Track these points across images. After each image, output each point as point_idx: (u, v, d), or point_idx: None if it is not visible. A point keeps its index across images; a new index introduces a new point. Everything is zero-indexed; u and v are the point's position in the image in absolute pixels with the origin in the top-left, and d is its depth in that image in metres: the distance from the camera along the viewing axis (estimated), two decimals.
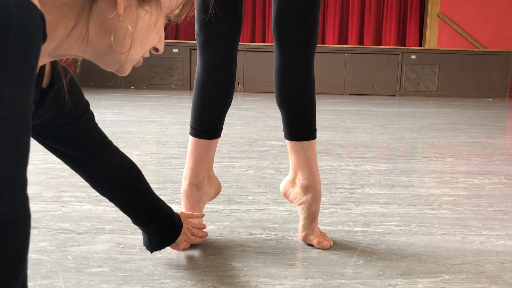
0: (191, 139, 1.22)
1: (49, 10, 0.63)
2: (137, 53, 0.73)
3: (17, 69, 0.52)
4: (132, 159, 1.06)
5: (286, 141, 1.24)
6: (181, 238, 1.11)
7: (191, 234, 1.15)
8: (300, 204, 1.24)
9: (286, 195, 1.28)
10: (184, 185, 1.24)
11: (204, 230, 1.20)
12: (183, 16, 0.76)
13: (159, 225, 1.06)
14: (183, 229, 1.11)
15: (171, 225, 1.08)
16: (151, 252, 1.08)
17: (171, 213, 1.08)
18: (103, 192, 1.01)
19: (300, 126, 1.20)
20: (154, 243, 1.06)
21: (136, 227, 1.30)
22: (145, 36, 0.72)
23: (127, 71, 0.74)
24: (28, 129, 0.55)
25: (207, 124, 1.20)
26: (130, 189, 1.01)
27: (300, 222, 1.23)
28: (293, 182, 1.25)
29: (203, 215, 1.23)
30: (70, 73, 0.84)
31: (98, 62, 0.73)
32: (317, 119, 1.25)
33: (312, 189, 1.22)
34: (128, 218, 1.10)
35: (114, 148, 1.00)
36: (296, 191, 1.24)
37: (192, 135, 1.22)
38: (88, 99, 0.96)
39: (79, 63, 0.79)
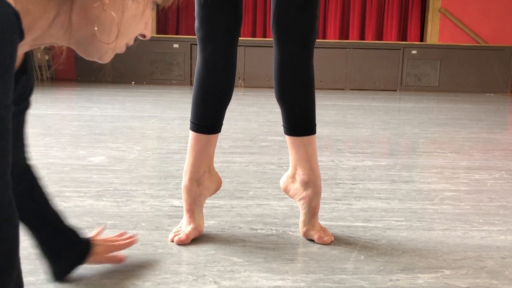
0: (192, 134, 1.22)
1: (31, 0, 0.61)
2: (123, 42, 0.71)
3: None
4: (133, 154, 1.05)
5: (286, 136, 1.24)
6: (100, 249, 0.99)
7: (112, 244, 1.04)
8: (300, 200, 1.24)
9: (286, 191, 1.28)
10: (184, 180, 1.24)
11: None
12: (171, 1, 0.74)
13: (64, 235, 0.94)
14: (97, 241, 1.00)
15: (78, 237, 0.96)
16: (62, 279, 0.95)
17: (73, 227, 0.96)
18: None
19: (299, 121, 1.20)
20: (62, 264, 0.94)
21: (137, 222, 1.30)
22: (132, 26, 0.70)
23: (108, 59, 0.72)
24: (8, 130, 0.54)
25: (208, 119, 1.20)
26: (31, 193, 0.89)
27: (301, 218, 1.23)
28: (293, 177, 1.25)
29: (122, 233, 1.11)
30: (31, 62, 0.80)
31: (80, 50, 0.71)
32: (317, 115, 1.25)
33: (312, 184, 1.22)
34: (129, 213, 1.11)
35: (25, 154, 0.89)
36: (296, 186, 1.24)
37: (192, 130, 1.22)
38: (89, 95, 0.96)
39: (63, 48, 0.75)
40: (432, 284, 0.98)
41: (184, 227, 1.21)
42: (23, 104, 0.83)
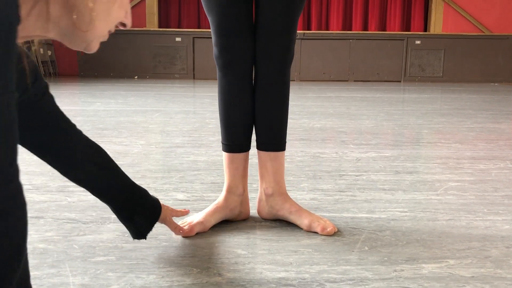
0: (226, 155, 1.28)
1: None
2: (103, 30, 0.71)
3: None
4: (136, 148, 1.05)
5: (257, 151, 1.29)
6: (166, 213, 1.09)
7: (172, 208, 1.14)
8: (278, 214, 1.27)
9: (262, 215, 1.31)
10: (223, 193, 1.28)
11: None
12: None
13: (140, 201, 1.02)
14: (163, 205, 1.09)
15: (151, 198, 1.05)
16: (145, 237, 1.05)
17: (145, 190, 1.06)
18: (76, 175, 0.96)
19: (269, 137, 1.26)
20: (142, 225, 1.03)
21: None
22: (108, 12, 0.70)
23: (94, 48, 0.72)
24: (15, 116, 0.54)
25: (239, 139, 1.27)
26: (103, 166, 0.97)
27: (297, 223, 1.24)
28: (261, 199, 1.30)
29: (187, 211, 1.21)
30: (29, 55, 0.82)
31: (65, 41, 0.71)
32: (321, 106, 1.26)
33: (276, 193, 1.27)
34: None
35: (77, 130, 0.96)
36: (266, 206, 1.29)
37: (226, 151, 1.28)
38: (92, 90, 0.96)
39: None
40: (437, 274, 0.98)
41: (191, 218, 1.22)
42: (37, 87, 0.87)
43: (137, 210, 1.02)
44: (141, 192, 1.04)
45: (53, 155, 0.93)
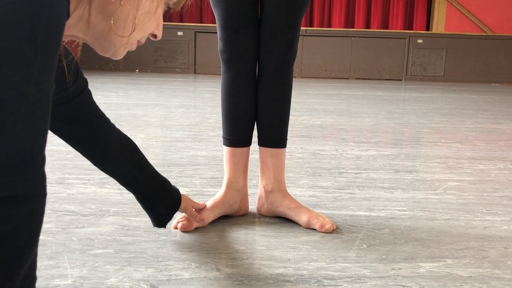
0: (227, 150, 1.28)
1: None
2: (136, 38, 0.74)
3: (46, 47, 0.53)
4: (136, 142, 1.06)
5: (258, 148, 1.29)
6: (186, 205, 1.13)
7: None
8: (277, 211, 1.27)
9: (261, 212, 1.31)
10: (222, 188, 1.28)
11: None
12: (182, 4, 0.78)
13: (162, 193, 1.06)
14: (183, 195, 1.13)
15: (173, 189, 1.10)
16: (165, 226, 1.10)
17: (168, 181, 1.10)
18: (106, 166, 1.01)
19: (269, 133, 1.26)
20: (162, 214, 1.07)
21: (141, 209, 1.30)
22: (145, 21, 0.73)
23: (121, 55, 0.75)
24: (50, 106, 0.57)
25: (241, 134, 1.26)
26: (132, 159, 1.02)
27: (295, 220, 1.24)
28: (261, 195, 1.30)
29: (204, 205, 1.23)
30: (71, 52, 0.85)
31: (96, 45, 0.73)
32: (322, 104, 1.26)
33: (276, 189, 1.27)
34: (133, 200, 1.11)
35: (111, 124, 1.01)
36: (265, 203, 1.28)
37: (227, 145, 1.28)
38: (93, 82, 0.97)
39: (79, 47, 0.80)
40: (434, 273, 0.98)
41: None
42: (79, 81, 0.92)
43: (159, 201, 1.06)
44: (164, 183, 1.08)
45: (88, 147, 0.98)
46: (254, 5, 1.20)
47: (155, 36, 0.78)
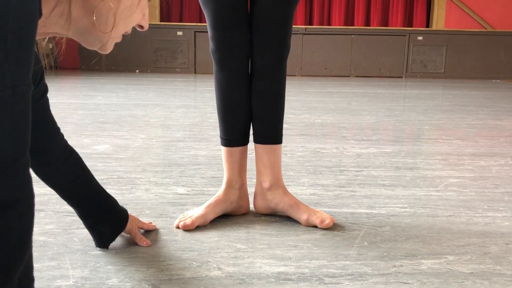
0: (224, 149, 1.28)
1: None
2: (120, 31, 0.73)
3: (17, 48, 0.52)
4: (137, 142, 1.06)
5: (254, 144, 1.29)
6: (132, 224, 1.07)
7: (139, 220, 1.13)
8: (276, 208, 1.27)
9: (258, 209, 1.30)
10: (222, 187, 1.28)
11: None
12: None
13: (107, 211, 1.02)
14: (131, 216, 1.08)
15: (119, 209, 1.05)
16: (107, 247, 1.04)
17: (114, 200, 1.05)
18: (49, 178, 0.97)
19: (265, 129, 1.26)
20: (106, 234, 1.02)
21: (141, 210, 1.31)
22: (128, 15, 0.72)
23: (109, 49, 0.74)
24: (29, 108, 0.55)
25: (238, 133, 1.26)
26: (74, 173, 0.97)
27: (295, 218, 1.24)
28: (258, 192, 1.29)
29: (153, 226, 1.18)
30: (37, 54, 0.83)
31: (81, 40, 0.72)
32: (322, 102, 1.26)
33: (274, 186, 1.26)
34: (133, 201, 1.11)
35: (60, 134, 0.97)
36: (263, 200, 1.28)
37: (225, 145, 1.27)
38: (93, 83, 0.97)
39: (63, 40, 0.79)
40: (436, 270, 0.98)
41: (192, 212, 1.23)
42: (41, 86, 0.88)
43: (103, 219, 1.02)
44: (109, 202, 1.03)
45: (32, 152, 0.92)
46: (245, 2, 1.19)
47: (141, 27, 0.77)
